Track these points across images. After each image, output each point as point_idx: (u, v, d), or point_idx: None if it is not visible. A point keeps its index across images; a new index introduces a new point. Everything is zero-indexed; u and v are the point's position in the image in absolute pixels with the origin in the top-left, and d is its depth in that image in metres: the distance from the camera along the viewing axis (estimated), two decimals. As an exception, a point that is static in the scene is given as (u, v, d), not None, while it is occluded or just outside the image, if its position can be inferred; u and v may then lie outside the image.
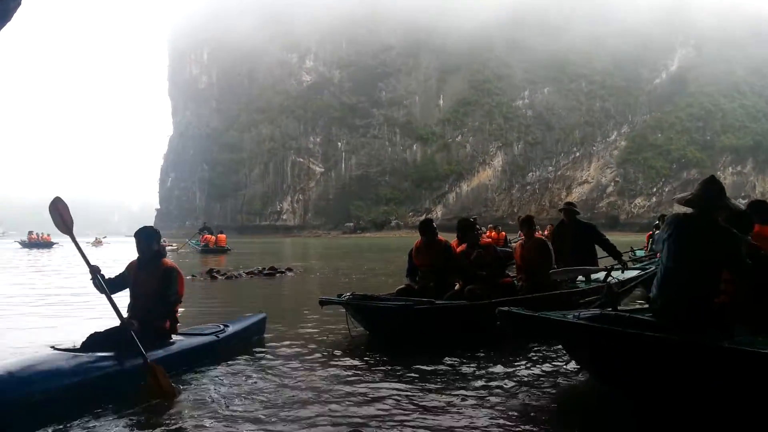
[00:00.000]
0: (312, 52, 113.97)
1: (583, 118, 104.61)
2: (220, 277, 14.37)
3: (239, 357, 5.50)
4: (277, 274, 15.51)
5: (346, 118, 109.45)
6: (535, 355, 5.54)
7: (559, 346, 5.41)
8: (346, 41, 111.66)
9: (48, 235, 46.19)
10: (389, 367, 5.14)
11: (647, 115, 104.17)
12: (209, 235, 31.46)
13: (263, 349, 5.93)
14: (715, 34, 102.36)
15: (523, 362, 5.28)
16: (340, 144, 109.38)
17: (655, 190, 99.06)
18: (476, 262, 7.05)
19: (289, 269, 16.62)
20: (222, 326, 5.89)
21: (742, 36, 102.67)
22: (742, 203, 5.08)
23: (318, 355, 5.71)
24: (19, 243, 44.42)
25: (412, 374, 4.87)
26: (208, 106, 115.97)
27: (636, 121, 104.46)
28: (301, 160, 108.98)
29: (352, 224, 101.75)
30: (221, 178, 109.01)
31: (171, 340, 5.18)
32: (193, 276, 14.79)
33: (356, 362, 5.39)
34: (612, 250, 8.30)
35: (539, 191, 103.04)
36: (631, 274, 8.69)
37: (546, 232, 13.12)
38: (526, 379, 4.75)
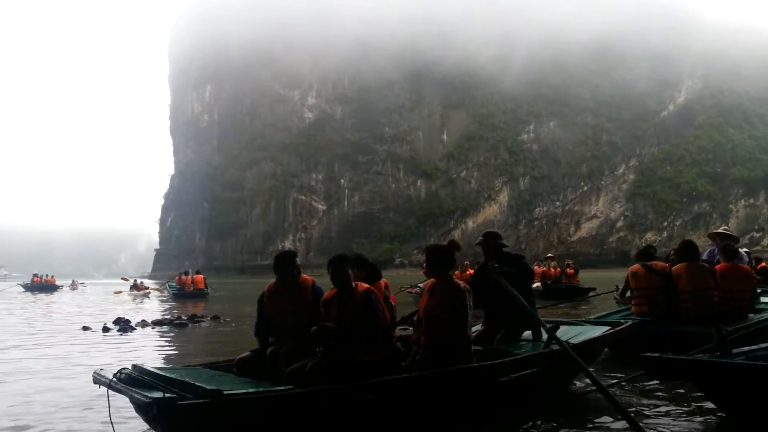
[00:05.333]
0: (314, 88, 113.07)
1: (589, 152, 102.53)
2: (113, 329, 11.94)
3: None
4: (191, 325, 13.15)
5: (348, 155, 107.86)
6: None
7: None
8: (348, 77, 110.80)
9: (52, 276, 44.65)
10: None
11: (655, 147, 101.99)
12: (185, 276, 28.66)
13: None
14: (722, 66, 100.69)
15: None
16: (342, 181, 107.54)
17: (666, 224, 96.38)
18: (316, 336, 4.33)
19: (216, 317, 14.33)
20: None
21: (750, 67, 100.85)
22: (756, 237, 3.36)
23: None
24: (23, 286, 42.35)
25: None
26: (209, 144, 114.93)
27: (644, 154, 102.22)
28: (303, 197, 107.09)
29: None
30: (222, 217, 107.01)
31: None
32: (84, 328, 12.29)
33: None
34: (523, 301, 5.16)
35: (547, 227, 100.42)
36: (594, 331, 6.11)
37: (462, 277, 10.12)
38: None
